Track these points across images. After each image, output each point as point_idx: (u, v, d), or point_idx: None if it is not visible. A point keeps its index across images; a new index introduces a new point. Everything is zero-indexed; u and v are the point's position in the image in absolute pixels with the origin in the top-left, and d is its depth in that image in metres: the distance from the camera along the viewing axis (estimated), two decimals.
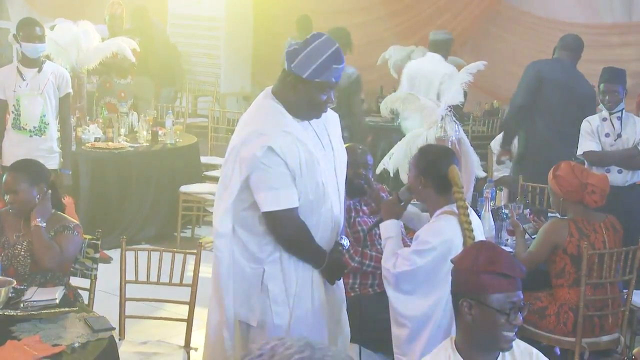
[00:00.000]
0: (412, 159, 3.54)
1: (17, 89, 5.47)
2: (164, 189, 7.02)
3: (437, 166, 3.39)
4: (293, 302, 3.20)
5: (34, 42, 5.41)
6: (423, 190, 3.42)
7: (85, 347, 2.96)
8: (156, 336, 4.25)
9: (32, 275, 3.64)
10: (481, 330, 2.44)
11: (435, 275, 3.28)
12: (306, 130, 3.20)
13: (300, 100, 3.15)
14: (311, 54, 3.08)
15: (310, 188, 3.14)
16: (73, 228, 3.73)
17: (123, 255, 3.94)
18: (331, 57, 3.09)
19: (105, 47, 7.04)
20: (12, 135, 5.55)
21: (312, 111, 3.20)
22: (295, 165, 3.09)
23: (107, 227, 5.76)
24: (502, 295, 2.42)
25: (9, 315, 3.15)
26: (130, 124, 7.40)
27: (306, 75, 3.08)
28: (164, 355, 3.75)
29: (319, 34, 3.17)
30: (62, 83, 5.61)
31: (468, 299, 2.44)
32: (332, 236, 3.29)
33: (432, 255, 3.28)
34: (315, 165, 3.14)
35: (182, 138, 7.39)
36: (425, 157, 3.46)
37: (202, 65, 11.09)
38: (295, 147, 3.09)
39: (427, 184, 3.40)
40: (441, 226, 3.33)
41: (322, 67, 3.08)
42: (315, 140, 3.22)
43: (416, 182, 3.43)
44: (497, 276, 2.43)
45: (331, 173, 3.25)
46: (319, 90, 3.12)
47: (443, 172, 3.36)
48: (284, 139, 3.08)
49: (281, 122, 3.14)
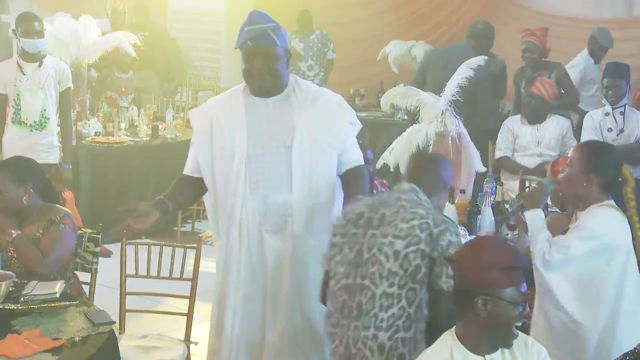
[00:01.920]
0: (575, 152, 3.40)
1: (17, 84, 5.47)
2: (164, 183, 6.96)
3: (611, 164, 3.33)
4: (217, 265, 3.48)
5: (32, 37, 5.40)
6: (587, 187, 3.31)
7: (85, 341, 2.96)
8: (156, 330, 4.25)
9: (30, 275, 3.55)
10: (497, 325, 2.48)
11: (594, 275, 3.21)
12: (248, 107, 3.34)
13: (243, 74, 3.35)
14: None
15: (225, 159, 3.32)
16: (60, 220, 3.62)
17: (123, 250, 3.95)
18: (244, 23, 3.26)
19: (105, 42, 7.04)
20: (12, 129, 5.54)
21: (250, 82, 3.35)
22: (197, 137, 3.44)
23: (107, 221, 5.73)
24: (514, 288, 2.47)
25: (9, 309, 3.15)
26: (130, 118, 7.40)
27: (235, 46, 3.32)
28: (164, 349, 3.76)
29: None
30: (62, 77, 5.61)
31: (483, 296, 2.45)
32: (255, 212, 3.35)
33: (595, 242, 3.20)
34: (232, 139, 3.31)
35: (182, 132, 7.38)
36: (598, 154, 3.36)
37: (202, 60, 11.07)
38: (206, 120, 3.41)
39: (594, 181, 3.31)
40: (605, 216, 3.25)
41: (239, 36, 3.29)
42: (253, 118, 3.32)
43: (582, 179, 3.31)
44: (507, 270, 2.47)
45: (276, 152, 3.29)
46: (244, 57, 3.29)
47: (615, 170, 3.32)
48: (199, 111, 3.52)
49: (215, 98, 3.58)
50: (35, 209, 3.66)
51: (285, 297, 3.36)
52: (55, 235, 3.60)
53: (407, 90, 5.16)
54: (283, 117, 3.31)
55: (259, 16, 3.29)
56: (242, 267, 3.36)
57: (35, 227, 3.63)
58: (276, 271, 3.35)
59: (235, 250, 3.36)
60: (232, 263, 3.38)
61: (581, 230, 3.25)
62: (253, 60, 3.24)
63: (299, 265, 3.36)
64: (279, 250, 3.34)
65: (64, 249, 3.65)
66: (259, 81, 3.29)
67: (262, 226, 3.33)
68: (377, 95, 8.47)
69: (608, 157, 3.37)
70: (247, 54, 3.26)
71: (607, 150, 3.44)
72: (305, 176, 3.31)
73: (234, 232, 3.36)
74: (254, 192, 3.31)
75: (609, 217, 3.26)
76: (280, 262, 3.35)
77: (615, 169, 3.35)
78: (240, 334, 3.39)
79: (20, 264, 3.57)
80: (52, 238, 3.59)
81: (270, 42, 3.26)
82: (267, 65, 3.26)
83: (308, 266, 3.36)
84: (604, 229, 3.23)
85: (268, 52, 3.26)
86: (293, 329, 3.36)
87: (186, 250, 3.94)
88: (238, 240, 3.35)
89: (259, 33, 3.23)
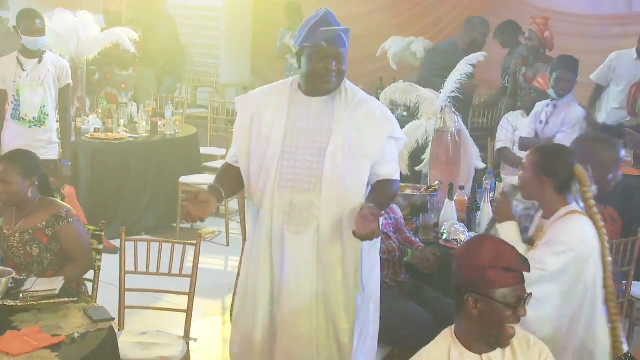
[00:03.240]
0: (528, 158, 3.41)
1: (17, 80, 5.46)
2: (163, 179, 7.01)
3: (561, 165, 3.32)
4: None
5: (34, 35, 5.40)
6: (542, 190, 3.32)
7: (84, 337, 2.96)
8: (155, 326, 4.25)
9: (29, 265, 3.64)
10: (487, 324, 2.47)
11: (572, 286, 3.18)
12: (292, 105, 3.30)
13: (303, 73, 3.28)
14: (303, 24, 3.29)
15: (262, 153, 3.29)
16: (66, 215, 3.69)
17: (123, 246, 3.94)
18: (318, 22, 3.22)
19: (104, 38, 7.03)
20: (12, 125, 5.54)
21: (314, 83, 3.27)
22: (239, 126, 3.39)
23: (106, 218, 5.76)
24: (508, 289, 2.45)
25: (8, 306, 3.15)
26: (129, 115, 7.40)
27: (298, 44, 3.26)
28: (164, 346, 3.76)
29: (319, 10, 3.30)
30: (62, 74, 5.60)
31: (474, 294, 2.45)
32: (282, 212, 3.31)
33: (569, 256, 3.17)
34: (271, 134, 3.28)
35: (181, 129, 7.38)
36: (546, 156, 3.36)
37: (201, 56, 11.07)
38: (248, 112, 3.35)
39: (548, 184, 3.31)
40: (577, 226, 3.21)
41: (310, 33, 3.22)
42: (294, 115, 3.28)
43: (535, 182, 3.33)
44: (503, 271, 2.45)
45: (310, 152, 3.25)
46: (313, 56, 3.22)
47: (567, 171, 3.30)
48: (244, 102, 3.41)
49: (262, 89, 3.45)
50: (34, 202, 3.71)
51: (306, 303, 3.30)
52: (73, 232, 3.69)
53: (406, 87, 5.16)
54: (324, 119, 3.27)
55: (333, 18, 3.28)
56: (261, 264, 3.33)
57: (36, 219, 3.67)
58: (294, 273, 3.29)
59: (258, 245, 3.34)
60: (254, 257, 3.38)
61: (556, 244, 3.20)
62: (325, 61, 3.21)
63: (324, 272, 3.29)
64: (300, 253, 3.28)
65: (86, 237, 3.78)
66: (327, 82, 3.25)
67: (285, 225, 3.28)
68: (377, 91, 8.45)
69: (558, 158, 3.36)
70: (319, 54, 3.20)
71: (557, 152, 3.42)
72: (336, 181, 3.24)
73: (259, 228, 3.33)
74: (282, 189, 3.26)
75: (580, 227, 3.23)
76: (300, 264, 3.29)
77: (567, 169, 3.31)
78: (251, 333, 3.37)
79: (23, 247, 3.64)
80: (72, 235, 3.69)
81: (344, 45, 3.26)
82: (338, 68, 3.25)
83: (334, 273, 3.29)
84: (577, 240, 3.19)
85: (341, 54, 3.26)
86: (311, 334, 3.31)
87: (185, 247, 3.93)
88: (262, 235, 3.31)
89: (335, 35, 3.22)
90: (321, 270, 3.29)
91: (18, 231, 3.66)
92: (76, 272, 3.72)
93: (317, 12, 3.28)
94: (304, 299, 3.30)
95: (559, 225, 3.25)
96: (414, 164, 5.07)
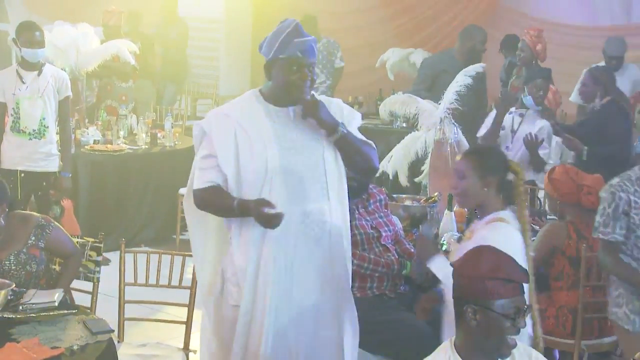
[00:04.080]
0: (464, 163, 3.39)
1: (16, 92, 5.46)
2: (163, 191, 7.02)
3: (500, 161, 3.35)
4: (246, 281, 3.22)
5: (34, 47, 5.39)
6: (488, 190, 3.32)
7: (84, 349, 2.96)
8: (155, 338, 4.25)
9: (27, 282, 3.61)
10: (486, 335, 2.46)
11: None
12: (271, 117, 3.25)
13: (277, 84, 3.26)
14: (273, 36, 3.25)
15: (252, 171, 3.19)
16: (46, 222, 3.72)
17: (122, 258, 3.94)
18: (291, 33, 3.21)
19: (104, 50, 7.05)
20: (11, 138, 5.53)
21: (290, 93, 3.25)
22: (221, 146, 3.20)
23: (106, 230, 5.75)
24: (507, 300, 2.44)
25: (7, 318, 3.15)
26: (129, 127, 7.41)
27: (271, 56, 3.23)
28: (163, 358, 3.76)
29: (284, 20, 3.28)
30: (61, 86, 5.60)
31: (472, 305, 2.44)
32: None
33: None
34: (260, 150, 3.19)
35: (181, 140, 7.38)
36: (485, 156, 3.39)
37: (201, 68, 11.07)
38: (230, 129, 3.21)
39: (492, 184, 3.31)
40: (499, 237, 3.15)
41: (283, 44, 3.20)
42: (279, 128, 3.24)
43: (480, 184, 3.32)
44: (501, 282, 2.44)
45: (309, 161, 3.25)
46: (288, 68, 3.21)
47: (505, 166, 3.33)
48: (218, 120, 3.25)
49: (230, 105, 3.35)
50: (7, 223, 3.62)
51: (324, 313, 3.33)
52: (60, 233, 3.76)
53: (405, 98, 5.18)
54: (307, 125, 3.28)
55: (302, 29, 3.28)
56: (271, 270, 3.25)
57: (21, 237, 3.64)
58: (310, 280, 3.29)
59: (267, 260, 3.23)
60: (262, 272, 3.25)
61: None
62: (301, 72, 3.21)
63: (339, 277, 3.35)
64: (312, 261, 3.28)
65: (67, 233, 3.84)
66: (303, 92, 3.25)
67: (297, 237, 3.25)
68: (376, 102, 8.48)
69: (495, 156, 3.40)
70: (294, 64, 3.21)
71: (491, 150, 3.47)
72: (337, 182, 3.33)
73: (269, 243, 3.23)
74: (292, 203, 3.22)
75: (502, 239, 3.13)
76: (313, 272, 3.29)
77: (505, 164, 3.35)
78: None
79: (22, 268, 3.62)
80: (61, 236, 3.76)
81: (315, 55, 3.29)
82: (311, 78, 3.27)
83: (347, 275, 3.38)
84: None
85: (314, 64, 3.29)
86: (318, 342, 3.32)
87: (185, 258, 3.93)
88: (271, 250, 3.23)
89: (309, 46, 3.24)
90: (336, 275, 3.34)
91: (11, 254, 3.60)
92: (76, 266, 3.81)
93: (286, 22, 3.26)
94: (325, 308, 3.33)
95: (482, 234, 3.24)
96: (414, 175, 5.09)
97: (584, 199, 4.22)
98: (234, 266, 3.25)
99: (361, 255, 3.95)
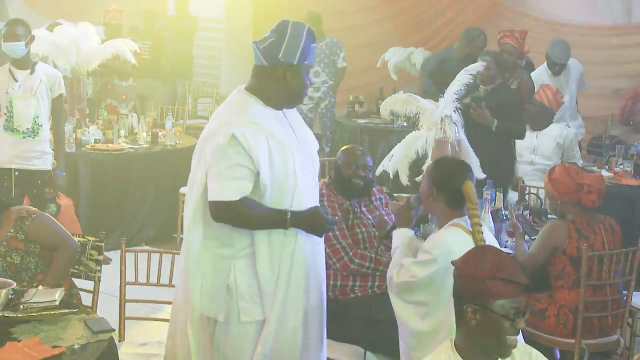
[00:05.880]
0: (427, 169, 3.46)
1: (9, 91, 5.43)
2: (163, 190, 7.02)
3: (452, 180, 3.30)
4: (267, 299, 3.18)
5: (11, 41, 5.31)
6: (433, 202, 3.34)
7: (85, 348, 2.96)
8: (156, 337, 4.24)
9: (17, 275, 3.65)
10: (485, 335, 2.46)
11: (440, 291, 3.18)
12: (280, 121, 3.23)
13: (289, 88, 3.19)
14: (292, 40, 3.16)
15: (282, 177, 3.14)
16: (28, 213, 3.73)
17: (123, 257, 3.95)
18: (308, 38, 3.19)
19: (104, 49, 7.05)
20: (5, 136, 5.49)
21: (297, 97, 3.26)
22: (261, 155, 3.08)
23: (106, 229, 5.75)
24: (507, 301, 2.44)
25: (8, 317, 3.15)
26: (130, 126, 7.41)
27: (297, 61, 3.16)
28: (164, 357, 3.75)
29: (285, 21, 3.23)
30: (54, 84, 5.57)
31: (472, 304, 2.45)
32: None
33: (433, 267, 3.20)
34: (288, 155, 3.15)
35: (182, 139, 7.39)
36: (440, 169, 3.38)
37: (202, 67, 11.09)
38: (262, 137, 3.11)
39: (439, 197, 3.32)
40: (445, 237, 3.24)
41: (306, 50, 3.18)
42: (288, 131, 3.23)
43: (428, 193, 3.35)
44: (501, 282, 2.44)
45: (308, 162, 3.28)
46: (303, 74, 3.21)
47: (457, 186, 3.28)
48: (249, 128, 3.10)
49: (249, 113, 3.16)
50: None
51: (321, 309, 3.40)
52: (42, 224, 3.74)
53: (406, 97, 5.16)
54: (297, 129, 3.31)
55: (314, 33, 3.29)
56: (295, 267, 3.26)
57: (3, 230, 3.69)
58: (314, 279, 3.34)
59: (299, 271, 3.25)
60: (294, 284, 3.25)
61: (421, 254, 3.27)
62: (307, 77, 3.24)
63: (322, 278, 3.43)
64: (316, 260, 3.36)
65: (57, 224, 3.81)
66: (304, 96, 3.32)
67: (309, 238, 3.28)
68: (377, 102, 8.50)
69: (448, 171, 3.35)
70: (306, 70, 3.23)
71: (452, 168, 3.39)
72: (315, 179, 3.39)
73: (299, 255, 3.23)
74: (309, 206, 3.25)
75: (449, 238, 3.22)
76: (317, 270, 3.36)
77: (453, 183, 3.29)
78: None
79: (7, 269, 3.65)
80: (43, 227, 3.74)
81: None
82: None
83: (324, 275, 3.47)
84: (442, 251, 3.18)
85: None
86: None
87: None
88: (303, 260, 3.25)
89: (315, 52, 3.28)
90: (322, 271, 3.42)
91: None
92: (65, 258, 3.76)
93: (299, 26, 3.19)
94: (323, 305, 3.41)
95: (432, 235, 3.31)
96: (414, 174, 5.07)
97: (585, 198, 4.22)
98: (256, 280, 3.17)
99: (362, 254, 3.95)
